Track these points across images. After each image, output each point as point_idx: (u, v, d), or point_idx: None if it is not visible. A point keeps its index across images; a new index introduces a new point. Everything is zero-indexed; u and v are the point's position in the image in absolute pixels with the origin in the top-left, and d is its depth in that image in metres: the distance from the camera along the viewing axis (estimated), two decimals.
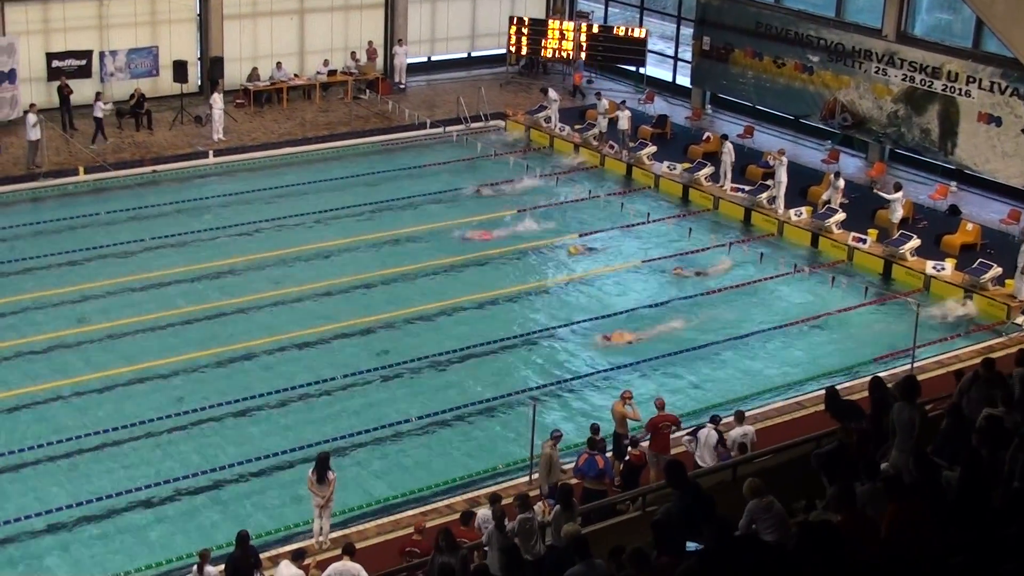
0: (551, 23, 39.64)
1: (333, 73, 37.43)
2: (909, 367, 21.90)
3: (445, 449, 20.20)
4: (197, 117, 34.11)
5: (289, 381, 21.78)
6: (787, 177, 29.46)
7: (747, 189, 30.54)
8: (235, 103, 35.43)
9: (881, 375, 17.35)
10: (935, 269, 26.34)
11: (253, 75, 36.20)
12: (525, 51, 39.79)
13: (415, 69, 39.63)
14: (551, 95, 35.31)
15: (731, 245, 28.23)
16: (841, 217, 28.52)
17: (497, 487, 18.35)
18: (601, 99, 34.61)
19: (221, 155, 32.52)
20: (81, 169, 30.81)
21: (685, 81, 38.88)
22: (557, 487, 16.22)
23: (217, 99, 32.90)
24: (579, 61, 39.15)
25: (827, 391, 16.38)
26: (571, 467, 17.93)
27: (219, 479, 18.97)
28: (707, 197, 30.81)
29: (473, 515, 16.19)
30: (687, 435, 18.59)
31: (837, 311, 25.21)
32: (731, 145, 31.12)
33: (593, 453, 17.47)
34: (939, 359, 22.85)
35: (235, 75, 35.89)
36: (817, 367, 23.08)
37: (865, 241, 27.78)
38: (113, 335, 23.25)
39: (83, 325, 23.55)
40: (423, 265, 26.72)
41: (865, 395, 15.79)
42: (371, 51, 38.13)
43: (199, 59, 36.01)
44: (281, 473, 19.21)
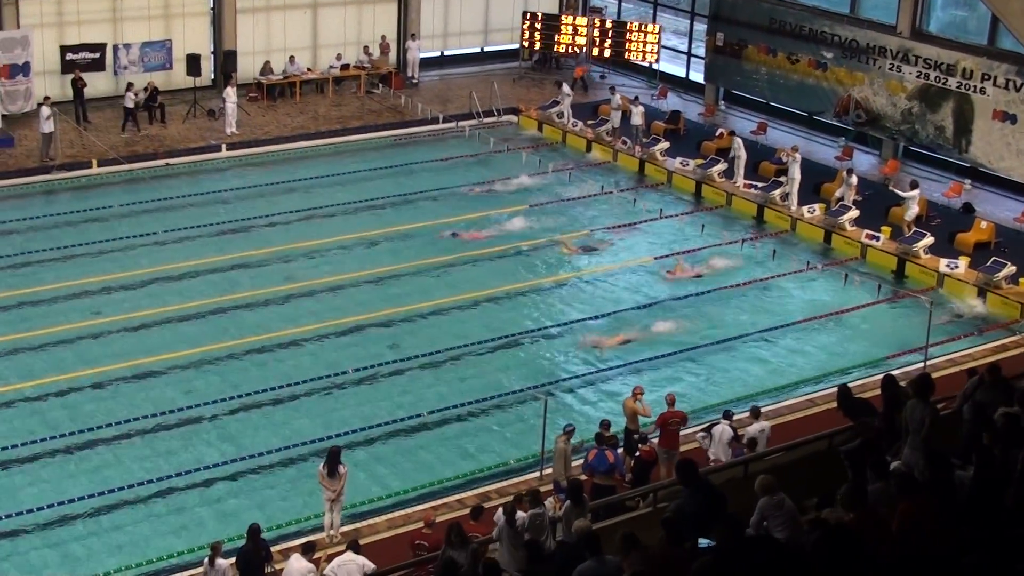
0: (564, 18, 39.60)
1: (346, 67, 37.45)
2: (922, 365, 21.85)
3: (457, 444, 20.19)
4: (210, 111, 34.17)
5: (302, 374, 21.81)
6: (800, 174, 29.40)
7: (760, 186, 30.48)
8: (248, 97, 35.48)
9: (893, 373, 17.31)
10: (949, 267, 26.26)
11: (266, 69, 36.23)
12: (538, 46, 39.77)
13: (428, 64, 39.59)
14: (564, 89, 35.24)
15: (743, 242, 28.18)
16: (855, 214, 28.43)
17: (508, 483, 18.39)
18: (615, 94, 34.52)
19: (234, 149, 32.57)
20: (94, 162, 30.90)
21: (699, 77, 38.80)
22: (567, 482, 16.22)
23: (230, 93, 32.94)
24: (581, 55, 39.09)
25: (839, 389, 16.39)
26: (580, 463, 17.92)
27: (220, 474, 18.96)
28: (720, 193, 30.76)
29: (483, 510, 16.19)
30: (701, 431, 18.59)
31: (850, 309, 25.14)
32: (741, 140, 31.06)
33: (603, 448, 17.46)
34: (952, 357, 22.78)
35: (248, 69, 35.96)
36: (830, 364, 23.01)
37: (878, 238, 27.72)
38: (128, 328, 23.29)
39: (97, 318, 23.61)
40: (422, 263, 26.58)
41: (878, 393, 15.75)
42: (384, 45, 38.12)
43: (212, 53, 36.05)
44: (291, 467, 19.22)
